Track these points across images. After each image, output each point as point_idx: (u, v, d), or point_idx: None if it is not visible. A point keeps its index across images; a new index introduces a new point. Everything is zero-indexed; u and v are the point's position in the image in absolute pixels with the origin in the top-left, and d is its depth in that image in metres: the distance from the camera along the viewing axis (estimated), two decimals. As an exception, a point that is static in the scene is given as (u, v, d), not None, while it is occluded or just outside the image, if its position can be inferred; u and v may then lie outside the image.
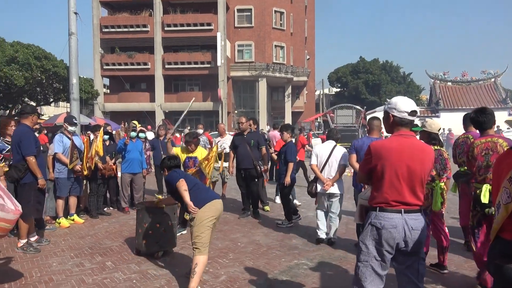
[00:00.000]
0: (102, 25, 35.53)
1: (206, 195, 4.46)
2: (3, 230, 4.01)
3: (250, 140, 7.77)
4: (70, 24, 11.47)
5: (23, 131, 5.60)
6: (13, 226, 4.14)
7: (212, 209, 4.33)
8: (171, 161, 4.85)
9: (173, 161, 4.87)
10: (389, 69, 52.83)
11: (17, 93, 23.90)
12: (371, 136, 5.56)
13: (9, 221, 3.99)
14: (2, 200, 3.93)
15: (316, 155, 6.19)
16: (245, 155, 7.66)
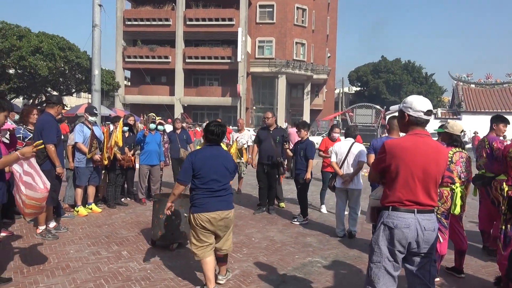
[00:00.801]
0: (125, 18, 35.95)
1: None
2: (35, 207, 4.13)
3: (276, 136, 7.76)
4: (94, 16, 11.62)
5: (46, 119, 5.71)
6: (43, 203, 4.20)
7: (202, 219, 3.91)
8: (216, 127, 4.03)
9: (218, 128, 4.02)
10: (411, 69, 52.13)
11: (41, 83, 24.34)
12: (391, 135, 5.48)
13: (39, 199, 4.10)
14: (33, 179, 4.02)
15: (336, 152, 6.50)
16: (270, 151, 7.66)
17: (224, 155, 4.06)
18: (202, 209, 3.88)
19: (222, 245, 4.15)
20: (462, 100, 32.57)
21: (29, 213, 4.20)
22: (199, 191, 3.91)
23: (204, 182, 3.89)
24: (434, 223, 2.91)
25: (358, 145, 6.42)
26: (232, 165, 4.08)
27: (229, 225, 4.08)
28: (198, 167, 3.88)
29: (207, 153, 3.98)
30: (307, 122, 7.73)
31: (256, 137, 8.06)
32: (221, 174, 3.95)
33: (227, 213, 3.98)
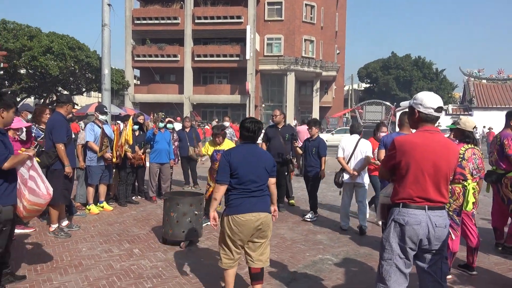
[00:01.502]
0: (134, 17, 36.10)
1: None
2: (35, 212, 4.18)
3: (285, 133, 7.75)
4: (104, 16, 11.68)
5: (57, 119, 5.77)
6: (43, 208, 4.27)
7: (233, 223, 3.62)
8: (252, 124, 3.77)
9: (254, 125, 3.76)
10: (421, 65, 51.69)
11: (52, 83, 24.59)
12: (402, 131, 5.44)
13: (40, 205, 4.14)
14: (36, 184, 4.05)
15: (343, 148, 6.67)
16: (279, 148, 7.64)
17: (262, 154, 3.79)
18: (237, 211, 3.57)
19: (258, 254, 3.71)
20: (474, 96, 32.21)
21: (28, 217, 4.24)
22: (235, 191, 3.62)
23: (241, 182, 3.61)
24: (445, 219, 2.89)
25: (364, 141, 6.63)
26: (270, 164, 3.76)
27: (266, 230, 3.68)
28: (234, 166, 3.60)
29: (244, 152, 3.71)
30: (318, 120, 7.77)
31: (265, 135, 8.05)
32: (258, 174, 3.65)
33: (263, 216, 3.62)
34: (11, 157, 3.76)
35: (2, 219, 3.76)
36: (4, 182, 3.79)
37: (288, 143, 7.72)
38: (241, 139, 3.85)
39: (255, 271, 3.75)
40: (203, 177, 10.47)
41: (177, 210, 5.39)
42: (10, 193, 3.86)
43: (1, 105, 3.83)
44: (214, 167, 6.51)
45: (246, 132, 3.75)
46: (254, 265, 3.72)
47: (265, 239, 3.73)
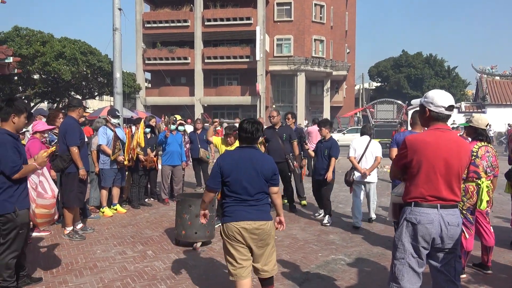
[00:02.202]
0: (144, 21, 36.39)
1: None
2: (45, 216, 4.20)
3: (282, 134, 7.74)
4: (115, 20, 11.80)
5: (69, 123, 5.85)
6: (53, 210, 4.28)
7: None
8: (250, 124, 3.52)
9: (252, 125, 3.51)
10: (433, 63, 51.15)
11: (64, 87, 24.86)
12: (414, 130, 5.41)
13: (47, 206, 4.17)
14: (43, 188, 4.10)
15: (354, 148, 6.95)
16: (277, 149, 7.62)
17: (259, 159, 3.46)
18: (231, 219, 3.39)
19: (262, 265, 3.49)
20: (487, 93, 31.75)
21: (42, 223, 4.25)
22: (228, 198, 3.43)
23: (233, 190, 3.40)
24: (457, 218, 2.87)
25: (375, 142, 7.00)
26: (269, 171, 3.44)
27: (265, 239, 3.43)
28: (226, 172, 3.39)
29: (237, 157, 3.45)
30: (328, 120, 7.52)
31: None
32: (253, 181, 3.38)
33: (260, 224, 3.37)
34: (22, 169, 3.83)
35: (19, 223, 3.83)
36: (19, 186, 3.87)
37: (286, 143, 7.71)
38: (239, 142, 3.64)
39: (264, 280, 3.59)
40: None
41: (189, 212, 5.43)
42: (25, 197, 3.93)
43: (12, 110, 3.89)
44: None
45: (243, 133, 3.51)
46: (260, 275, 3.55)
47: (265, 248, 3.48)
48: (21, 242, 3.94)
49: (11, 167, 3.73)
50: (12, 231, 3.81)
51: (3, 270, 3.84)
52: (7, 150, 3.74)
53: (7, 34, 21.58)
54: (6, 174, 3.75)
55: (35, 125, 5.77)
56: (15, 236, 3.84)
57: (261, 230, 3.39)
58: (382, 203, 8.56)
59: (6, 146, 3.75)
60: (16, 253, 3.89)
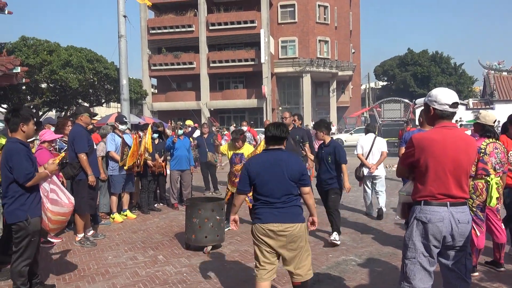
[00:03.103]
0: (149, 27, 36.62)
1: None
2: (61, 222, 4.27)
3: (295, 135, 7.74)
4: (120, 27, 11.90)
5: (76, 130, 5.91)
6: (68, 217, 4.35)
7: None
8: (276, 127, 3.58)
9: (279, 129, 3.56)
10: (439, 60, 50.86)
11: (72, 95, 25.08)
12: (423, 128, 5.40)
13: (64, 214, 4.23)
14: (57, 195, 4.15)
15: (361, 146, 7.44)
16: (290, 150, 7.61)
17: (287, 162, 3.46)
18: (259, 221, 3.42)
19: (295, 268, 3.46)
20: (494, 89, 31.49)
21: (54, 229, 4.28)
22: (257, 201, 3.48)
23: (260, 192, 3.44)
24: (467, 215, 2.87)
25: (380, 139, 7.55)
26: (296, 172, 3.43)
27: (295, 241, 3.39)
28: (253, 175, 3.43)
29: (264, 160, 3.49)
30: (324, 121, 6.43)
31: None
32: (279, 183, 3.40)
33: (286, 227, 3.35)
34: (35, 176, 3.89)
35: (31, 230, 3.88)
36: (31, 194, 3.92)
37: (298, 144, 7.70)
38: (266, 144, 3.67)
39: (296, 284, 3.53)
40: (223, 182, 10.54)
41: (199, 216, 5.45)
42: (37, 205, 3.98)
43: (19, 120, 3.94)
44: (232, 170, 6.56)
45: (270, 134, 3.56)
46: (293, 279, 3.53)
47: (297, 251, 3.43)
48: (33, 249, 3.98)
49: (25, 174, 3.78)
50: (24, 239, 3.86)
51: (16, 277, 3.89)
52: (20, 158, 3.80)
53: (14, 44, 21.82)
54: (20, 182, 3.80)
55: (43, 134, 5.75)
56: (27, 244, 3.88)
57: (289, 232, 3.36)
58: (391, 203, 8.53)
59: (20, 154, 3.81)
60: (29, 260, 3.94)
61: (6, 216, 3.94)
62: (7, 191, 3.86)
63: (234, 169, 6.51)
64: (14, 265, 3.89)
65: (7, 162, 3.80)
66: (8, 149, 3.87)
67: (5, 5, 11.57)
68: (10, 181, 3.83)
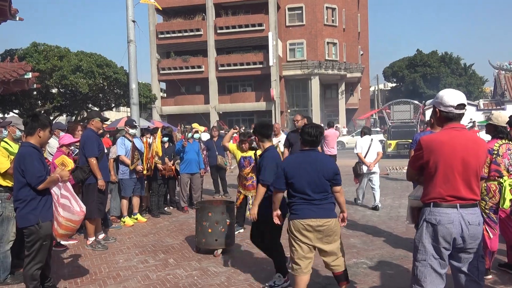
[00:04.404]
0: (158, 31, 36.87)
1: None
2: (70, 229, 4.23)
3: None
4: (129, 32, 11.96)
5: (87, 135, 5.97)
6: (78, 226, 4.35)
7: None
8: (313, 129, 3.82)
9: (315, 130, 3.80)
10: (448, 61, 50.42)
11: (82, 100, 25.28)
12: (434, 130, 5.36)
13: (75, 222, 4.21)
14: (69, 202, 4.16)
15: (361, 146, 8.39)
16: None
17: (321, 162, 3.74)
18: (297, 216, 3.67)
19: (331, 260, 3.80)
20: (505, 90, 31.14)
21: (62, 234, 4.21)
22: (294, 198, 3.73)
23: (298, 190, 3.68)
24: (478, 217, 2.83)
25: (376, 140, 8.47)
26: (330, 172, 3.69)
27: (331, 235, 3.70)
28: (290, 175, 3.68)
29: (300, 160, 3.73)
30: (262, 123, 4.91)
31: (287, 140, 8.03)
32: (315, 183, 3.65)
33: (324, 222, 3.64)
34: (47, 179, 3.93)
35: (42, 234, 3.91)
36: (42, 198, 3.96)
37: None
38: (302, 145, 3.87)
39: (337, 274, 3.89)
40: (233, 185, 10.56)
41: (209, 219, 5.45)
42: (48, 209, 4.01)
43: (38, 125, 4.02)
44: (242, 174, 6.55)
45: (307, 137, 3.78)
46: (333, 269, 3.87)
47: (333, 244, 3.75)
48: (45, 253, 4.01)
49: (37, 177, 3.83)
50: (36, 243, 3.90)
51: (29, 281, 3.92)
52: (33, 162, 3.85)
53: (25, 50, 22.07)
54: (32, 185, 3.85)
55: (62, 138, 5.95)
56: (39, 248, 3.92)
57: (326, 227, 3.66)
58: (402, 205, 8.47)
59: (32, 157, 3.87)
60: (41, 264, 3.97)
61: (18, 220, 3.98)
62: (18, 195, 3.91)
63: (244, 172, 6.51)
64: (27, 269, 3.92)
65: (19, 165, 3.86)
66: (21, 153, 3.94)
67: (16, 11, 11.73)
68: (22, 185, 3.87)
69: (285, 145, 8.08)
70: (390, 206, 8.55)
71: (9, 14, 11.43)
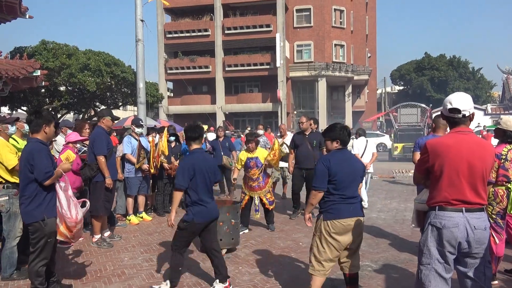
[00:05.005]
0: (166, 31, 36.98)
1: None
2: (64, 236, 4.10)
3: (313, 140, 7.70)
4: (137, 31, 12.02)
5: (97, 133, 6.00)
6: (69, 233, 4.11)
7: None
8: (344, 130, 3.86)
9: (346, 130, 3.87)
10: (456, 65, 50.15)
11: (89, 98, 25.44)
12: (437, 134, 5.37)
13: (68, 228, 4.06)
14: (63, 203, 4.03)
15: (358, 147, 8.68)
16: (307, 155, 7.58)
17: (355, 160, 3.93)
18: (336, 216, 3.63)
19: (355, 260, 3.86)
20: (514, 94, 30.96)
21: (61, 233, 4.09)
22: (332, 197, 3.67)
23: (339, 188, 3.66)
24: (484, 221, 2.81)
25: (370, 142, 8.92)
26: (362, 170, 3.88)
27: (360, 233, 3.78)
28: (334, 172, 3.64)
29: (341, 158, 3.75)
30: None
31: (292, 142, 8.01)
32: (353, 180, 3.74)
33: (359, 219, 3.74)
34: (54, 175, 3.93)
35: (47, 231, 3.92)
36: (48, 194, 3.97)
37: (316, 149, 7.66)
38: (334, 144, 3.85)
39: (353, 276, 3.90)
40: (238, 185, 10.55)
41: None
42: (54, 206, 4.02)
43: (42, 121, 4.04)
44: (248, 174, 6.56)
45: (343, 140, 3.82)
46: (350, 270, 3.87)
47: (359, 242, 3.85)
48: (50, 250, 4.03)
49: (44, 173, 3.84)
50: (41, 240, 3.91)
51: (34, 277, 3.94)
52: (41, 157, 3.87)
53: (35, 48, 22.24)
54: (39, 180, 3.85)
55: (68, 135, 6.06)
56: (44, 245, 3.93)
57: (361, 224, 3.76)
58: (408, 208, 8.43)
59: (41, 153, 3.90)
60: (46, 261, 3.99)
61: (23, 216, 4.00)
62: (24, 190, 3.93)
63: (251, 173, 6.51)
64: (32, 265, 3.94)
65: (28, 161, 3.87)
66: (29, 149, 3.95)
67: (26, 9, 11.83)
68: (29, 180, 3.89)
69: (291, 147, 8.07)
70: (396, 209, 8.52)
71: (19, 12, 11.53)
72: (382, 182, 12.47)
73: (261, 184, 6.55)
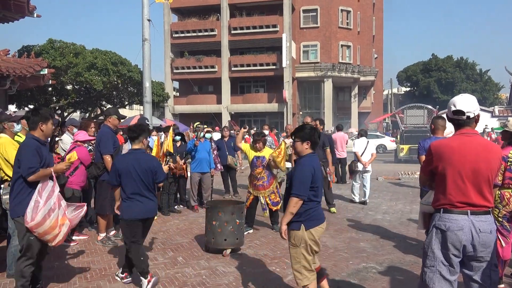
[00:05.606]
0: (172, 31, 37.06)
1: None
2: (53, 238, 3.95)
3: None
4: (144, 31, 12.06)
5: (103, 131, 6.02)
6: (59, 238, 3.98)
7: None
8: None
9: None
10: (464, 67, 49.86)
11: (96, 97, 25.55)
12: (436, 135, 5.37)
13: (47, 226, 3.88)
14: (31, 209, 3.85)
15: (359, 146, 9.10)
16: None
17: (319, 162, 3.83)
18: (317, 222, 3.57)
19: (316, 258, 3.81)
20: (522, 96, 30.70)
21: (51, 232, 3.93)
22: (311, 203, 3.55)
23: (318, 194, 3.60)
24: (490, 224, 2.78)
25: (371, 142, 9.29)
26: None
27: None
28: (316, 178, 3.54)
29: (317, 162, 3.66)
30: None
31: None
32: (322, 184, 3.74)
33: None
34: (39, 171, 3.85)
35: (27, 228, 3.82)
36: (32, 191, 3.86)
37: (319, 149, 7.63)
38: (312, 149, 3.68)
39: (318, 269, 3.79)
40: (243, 185, 10.55)
41: (219, 219, 5.46)
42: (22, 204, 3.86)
43: (39, 119, 4.04)
44: (254, 173, 6.56)
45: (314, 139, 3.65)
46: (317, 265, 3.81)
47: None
48: (35, 250, 3.91)
49: (28, 168, 3.81)
50: (24, 236, 3.88)
51: (17, 277, 3.88)
52: (27, 152, 3.86)
53: (42, 47, 22.35)
54: (23, 175, 3.83)
55: (77, 134, 6.14)
56: (27, 242, 3.87)
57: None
58: (413, 210, 8.39)
59: (29, 148, 3.89)
60: (31, 260, 3.90)
61: (9, 210, 4.01)
62: (13, 186, 3.94)
63: (256, 172, 6.52)
64: (18, 263, 3.91)
65: (16, 156, 3.91)
66: (21, 144, 4.00)
67: (34, 8, 11.89)
68: (17, 176, 3.89)
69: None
70: (401, 211, 8.48)
71: (27, 11, 11.60)
72: (387, 184, 12.42)
73: (265, 183, 6.55)
